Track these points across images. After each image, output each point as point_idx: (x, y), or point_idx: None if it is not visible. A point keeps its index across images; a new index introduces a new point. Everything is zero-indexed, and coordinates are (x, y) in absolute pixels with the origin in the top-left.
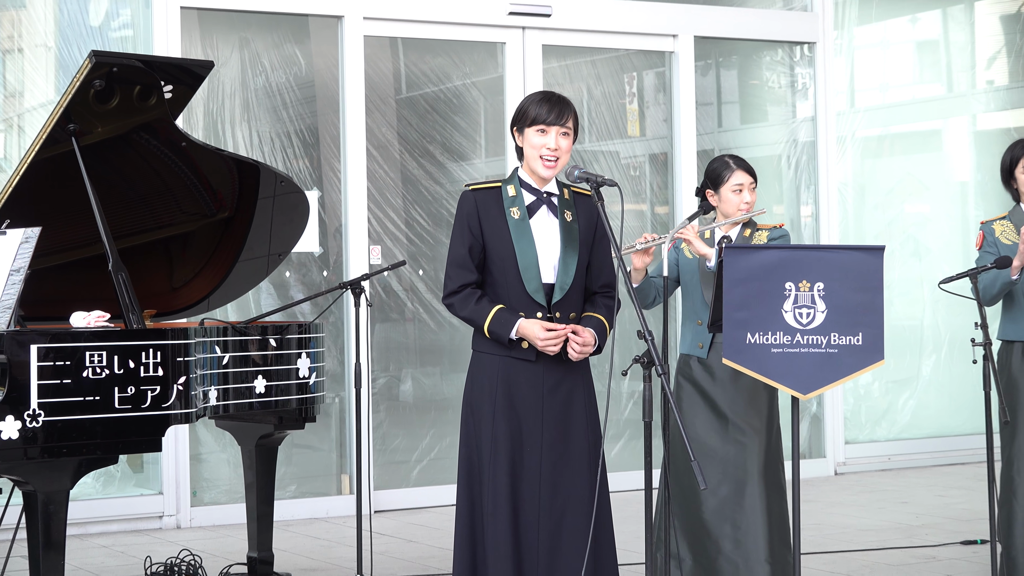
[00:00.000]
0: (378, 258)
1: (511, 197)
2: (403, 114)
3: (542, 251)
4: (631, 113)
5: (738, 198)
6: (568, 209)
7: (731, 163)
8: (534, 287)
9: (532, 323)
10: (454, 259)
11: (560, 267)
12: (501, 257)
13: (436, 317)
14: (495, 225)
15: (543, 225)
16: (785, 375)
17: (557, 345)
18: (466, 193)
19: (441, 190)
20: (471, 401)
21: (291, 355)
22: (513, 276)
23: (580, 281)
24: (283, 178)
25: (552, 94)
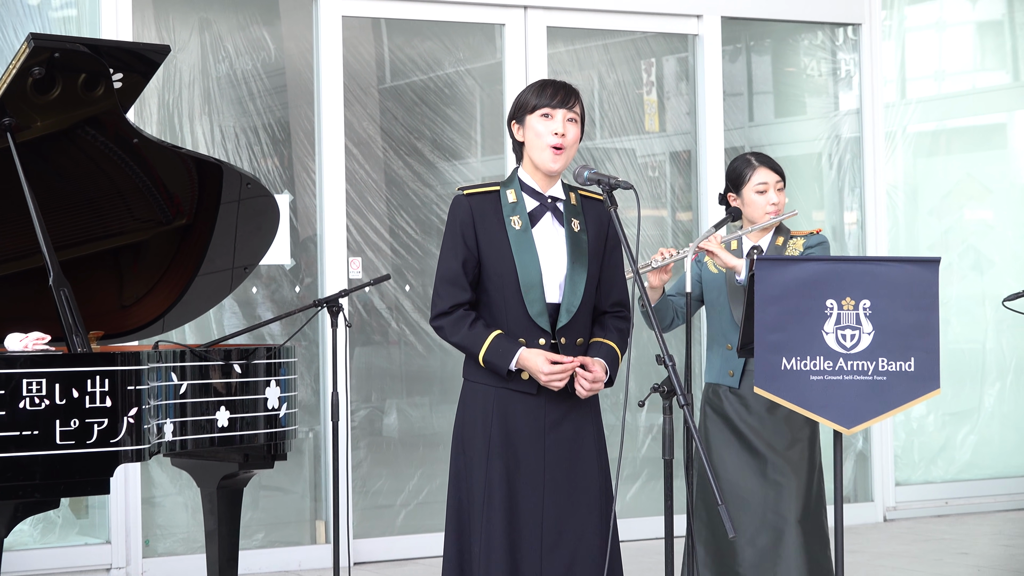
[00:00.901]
0: (358, 272)
1: (511, 203)
2: (387, 106)
3: (547, 267)
4: (649, 105)
5: (763, 200)
6: (576, 217)
7: (752, 160)
8: (537, 309)
9: (535, 354)
10: (444, 275)
11: (567, 285)
12: (499, 274)
13: (425, 339)
14: (493, 236)
15: (548, 236)
16: (826, 406)
17: (563, 381)
18: (459, 198)
19: (431, 193)
20: (462, 437)
21: (258, 383)
22: (513, 296)
23: (589, 301)
24: (249, 180)
25: (554, 80)
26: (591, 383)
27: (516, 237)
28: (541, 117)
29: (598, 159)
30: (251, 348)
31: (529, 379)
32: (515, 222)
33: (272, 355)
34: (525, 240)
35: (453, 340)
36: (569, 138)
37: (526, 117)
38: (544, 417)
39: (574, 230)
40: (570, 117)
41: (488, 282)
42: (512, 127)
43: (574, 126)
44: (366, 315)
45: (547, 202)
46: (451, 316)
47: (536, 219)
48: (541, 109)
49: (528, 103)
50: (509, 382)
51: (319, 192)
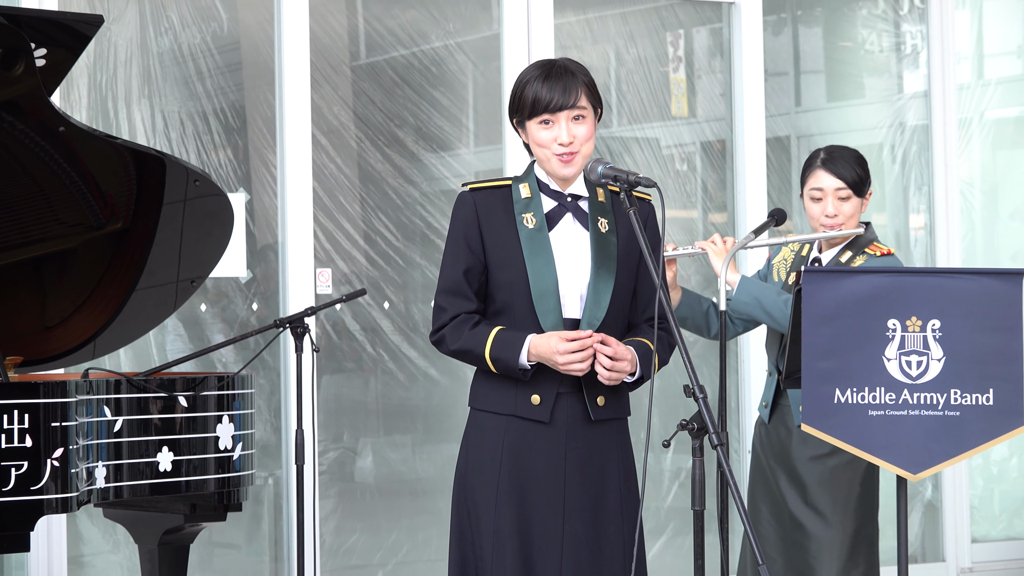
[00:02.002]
0: (328, 286)
1: (524, 200)
2: (362, 88)
3: (565, 274)
4: (676, 86)
5: (816, 209)
6: (603, 215)
7: (817, 158)
8: (551, 323)
9: (547, 335)
10: (444, 286)
11: (590, 296)
12: (509, 282)
13: (407, 367)
14: (501, 236)
15: (568, 238)
16: (888, 447)
17: (584, 361)
18: (463, 195)
19: (414, 192)
20: (466, 480)
21: (208, 419)
22: (523, 307)
23: (618, 315)
24: (198, 176)
25: (551, 65)
26: (613, 361)
27: (529, 237)
28: (540, 125)
29: (615, 151)
30: (199, 377)
31: (541, 403)
32: (528, 220)
33: (224, 385)
34: (539, 241)
35: (455, 348)
36: (579, 140)
37: (525, 122)
38: (564, 456)
39: (600, 231)
40: (575, 115)
41: (497, 291)
42: (515, 126)
43: (583, 123)
44: (337, 338)
45: (567, 200)
46: (451, 324)
47: (554, 221)
48: (539, 114)
49: (524, 102)
50: (517, 407)
51: (281, 191)
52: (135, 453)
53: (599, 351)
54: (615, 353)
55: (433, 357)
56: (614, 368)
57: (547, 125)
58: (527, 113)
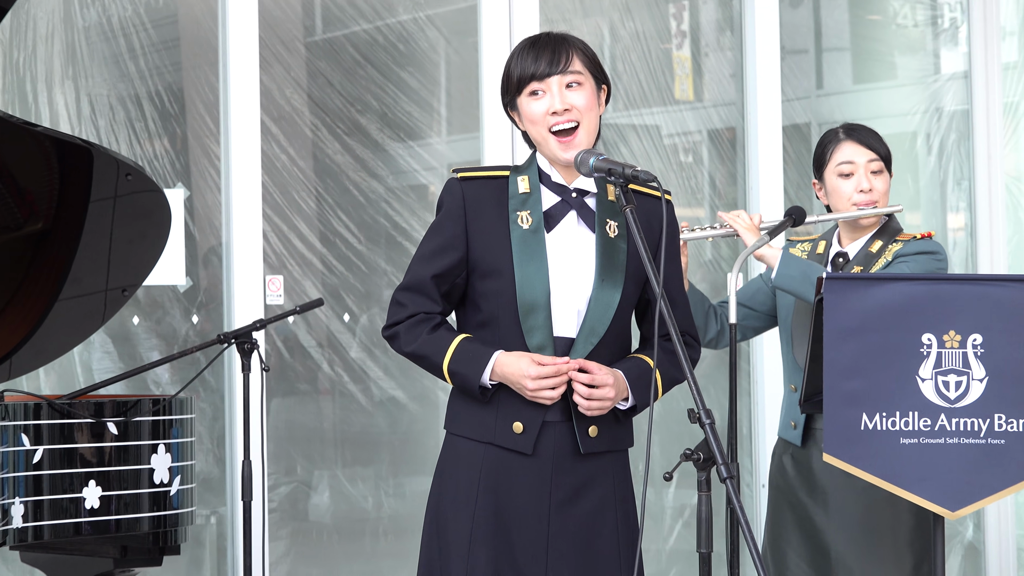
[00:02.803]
0: (279, 295)
1: (522, 195)
2: (319, 68)
3: (561, 284)
4: (680, 65)
5: (848, 186)
6: (613, 218)
7: (840, 132)
8: (538, 341)
9: (516, 356)
10: (410, 282)
11: (591, 312)
12: (495, 291)
13: (371, 389)
14: (490, 239)
15: (568, 242)
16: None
17: (556, 389)
18: (452, 183)
19: (379, 187)
20: (438, 514)
21: (141, 449)
22: (509, 322)
23: (619, 335)
24: (130, 169)
25: (541, 34)
26: (590, 391)
27: (521, 239)
28: (531, 96)
29: (610, 140)
30: (131, 400)
31: (523, 432)
32: (523, 219)
33: (160, 410)
34: (533, 244)
35: (409, 350)
36: (577, 108)
37: (517, 100)
38: (550, 491)
39: (608, 235)
40: (570, 80)
41: (482, 301)
42: (509, 114)
43: (580, 91)
44: (289, 355)
45: (571, 197)
46: (408, 321)
47: (555, 219)
48: (528, 86)
49: (512, 77)
50: (496, 435)
51: (225, 186)
52: (58, 488)
53: (575, 379)
54: (594, 380)
55: (400, 377)
56: (593, 397)
57: (537, 96)
58: (515, 86)
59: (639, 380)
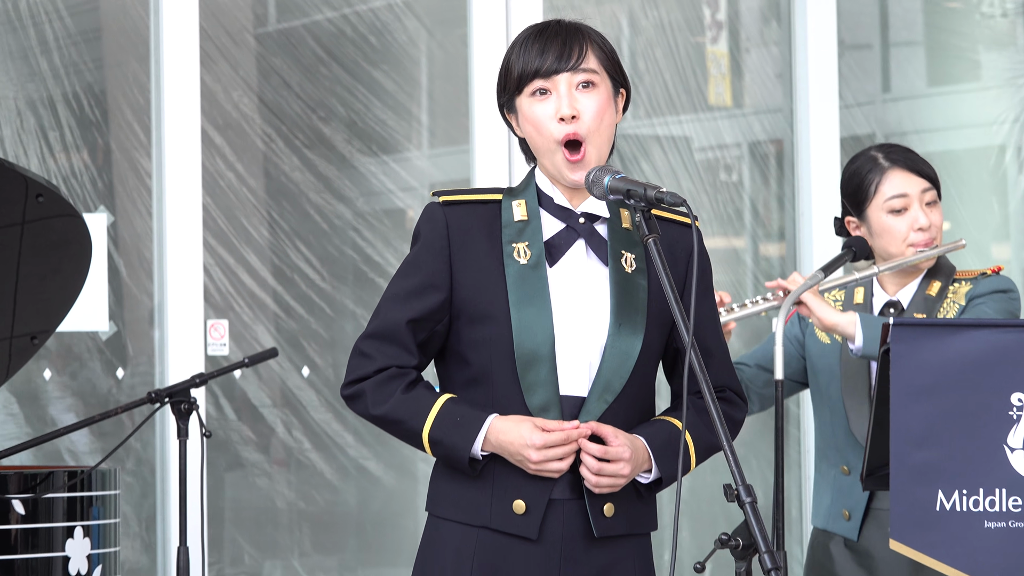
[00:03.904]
0: (223, 344)
1: (518, 223)
2: (272, 65)
3: (569, 330)
4: (715, 63)
5: (901, 224)
6: (629, 249)
7: (880, 158)
8: (541, 400)
9: (515, 422)
10: (379, 329)
11: (607, 360)
12: (487, 339)
13: (337, 458)
14: (480, 277)
15: (576, 277)
16: (1011, 574)
17: (565, 460)
18: (433, 208)
19: (345, 211)
20: None
21: (54, 532)
22: (506, 378)
23: (643, 388)
24: (41, 189)
25: (550, 21)
26: (598, 467)
27: (518, 277)
28: (533, 97)
29: (628, 154)
30: (42, 473)
31: (527, 512)
32: (520, 252)
33: (77, 485)
34: (532, 283)
35: (378, 413)
36: (588, 116)
37: (516, 100)
38: None
39: (624, 269)
40: (583, 80)
41: (471, 352)
42: (506, 117)
43: (592, 93)
44: (236, 417)
45: (578, 223)
46: (376, 377)
47: (559, 251)
48: (531, 83)
49: (511, 72)
50: (492, 518)
51: (158, 210)
52: None
53: (585, 449)
54: (607, 452)
55: (375, 444)
56: (603, 473)
57: (542, 96)
58: (515, 83)
59: (666, 447)
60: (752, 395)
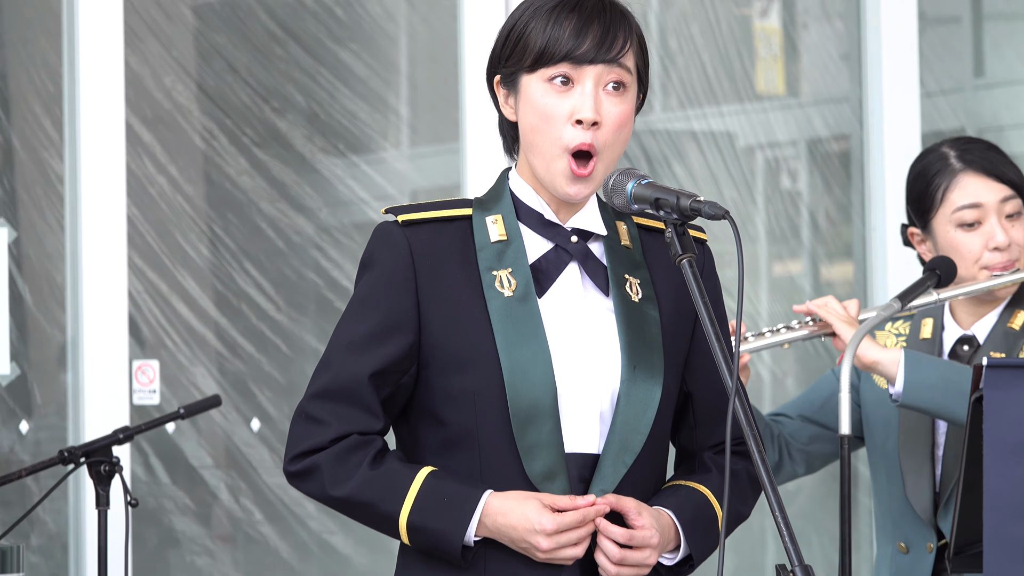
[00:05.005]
0: (153, 391)
1: (496, 245)
2: (215, 45)
3: (573, 373)
4: (764, 42)
5: (974, 241)
6: (632, 272)
7: (951, 156)
8: (545, 464)
9: (517, 501)
10: (330, 384)
11: (623, 412)
12: (470, 391)
13: (294, 531)
14: (456, 311)
15: (573, 310)
16: None
17: (580, 545)
18: (388, 231)
19: (306, 225)
20: None
21: None
22: (495, 439)
23: (662, 446)
24: None
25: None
26: (620, 555)
27: (504, 313)
28: (551, 84)
29: (657, 155)
30: None
31: None
32: (502, 282)
33: None
34: (522, 319)
35: (340, 494)
36: (610, 125)
37: (521, 76)
38: None
39: (630, 298)
40: (615, 79)
41: (447, 409)
42: (496, 87)
43: (624, 98)
44: (170, 481)
45: (569, 242)
46: (333, 448)
47: (548, 277)
48: (554, 66)
49: (526, 46)
50: None
51: (72, 224)
52: None
53: (604, 532)
54: (632, 538)
55: (341, 515)
56: (626, 563)
57: (564, 87)
58: (530, 59)
59: (696, 521)
60: (795, 454)
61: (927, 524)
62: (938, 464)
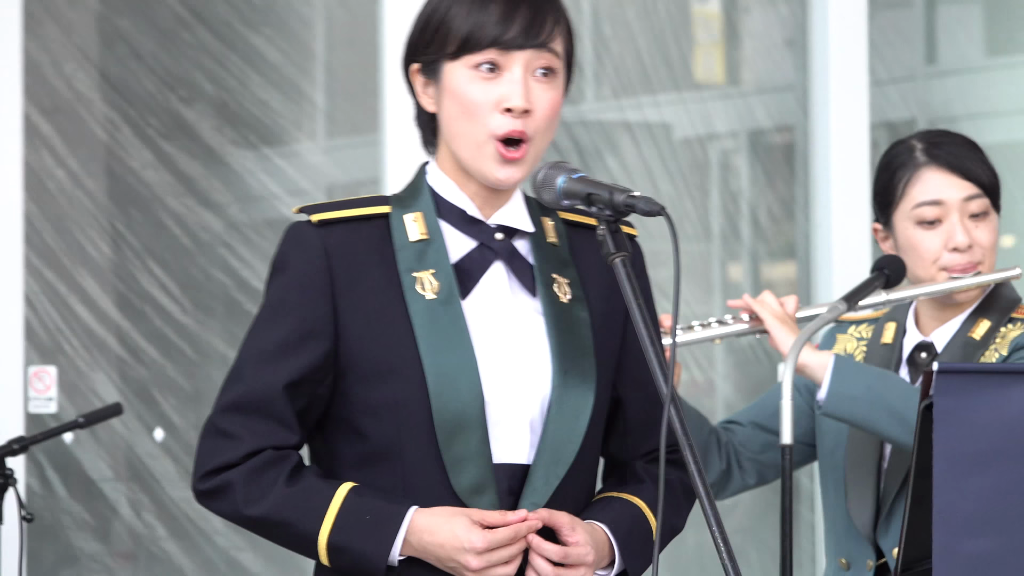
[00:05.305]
0: (49, 399)
1: (417, 244)
2: (118, 28)
3: (500, 380)
4: (704, 26)
5: (933, 240)
6: (560, 270)
7: (917, 149)
8: (473, 477)
9: (445, 517)
10: (243, 397)
11: (554, 420)
12: (392, 402)
13: (200, 548)
14: (375, 315)
15: (499, 312)
16: None
17: (511, 564)
18: (302, 230)
19: (215, 222)
20: None
21: None
22: (420, 451)
23: (594, 456)
24: None
25: None
26: (556, 572)
27: (427, 316)
28: (476, 71)
29: (589, 147)
30: None
31: None
32: (424, 284)
33: None
34: (445, 324)
35: (255, 514)
36: (541, 113)
37: (442, 66)
38: None
39: (559, 299)
40: (544, 64)
41: (367, 421)
42: (414, 78)
43: (552, 85)
44: (66, 494)
45: (494, 239)
46: (246, 465)
47: (471, 278)
48: (479, 52)
49: (447, 32)
50: None
51: None
52: None
53: (536, 550)
54: (567, 555)
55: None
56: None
57: (491, 74)
58: (453, 46)
59: (631, 536)
60: (745, 463)
61: (867, 540)
62: (882, 477)
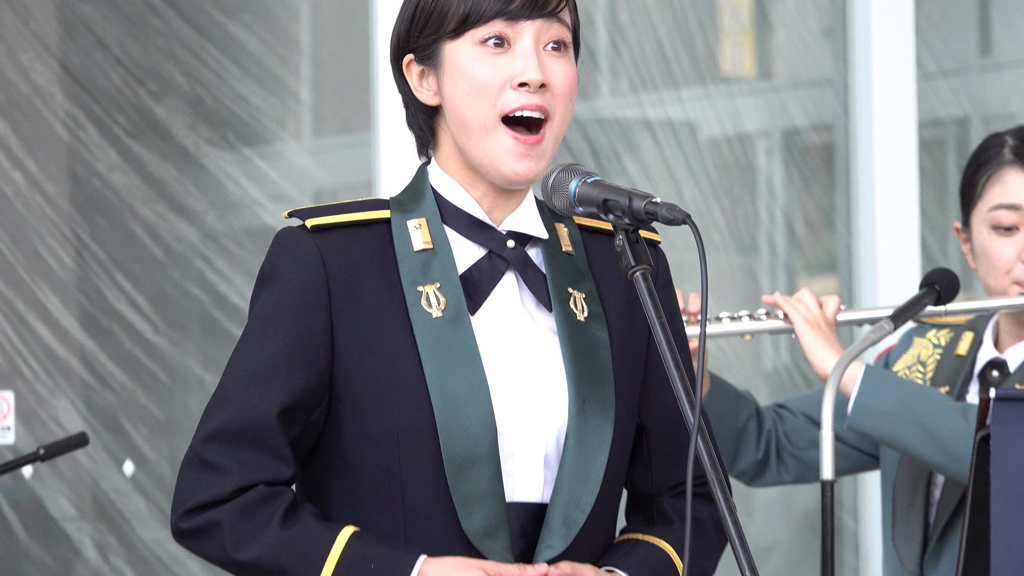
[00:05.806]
0: (6, 428)
1: (421, 255)
2: (81, 15)
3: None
4: (732, 15)
5: (1007, 249)
6: (576, 283)
7: (1007, 145)
8: (485, 518)
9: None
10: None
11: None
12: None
13: None
14: (377, 335)
15: (513, 332)
16: None
17: None
18: (296, 237)
19: (190, 231)
20: None
21: None
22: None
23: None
24: None
25: None
26: None
27: (433, 336)
28: (483, 47)
29: (605, 148)
30: None
31: None
32: (429, 300)
33: None
34: (455, 346)
35: (243, 558)
36: (559, 87)
37: (442, 47)
38: None
39: (575, 316)
40: (555, 37)
41: (362, 453)
42: (407, 71)
43: (566, 59)
44: (24, 534)
45: (505, 247)
46: (236, 503)
47: (481, 291)
48: (483, 25)
49: (446, 9)
50: None
51: None
52: None
53: None
54: None
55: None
56: None
57: (498, 49)
58: (453, 23)
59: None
60: (785, 457)
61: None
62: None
